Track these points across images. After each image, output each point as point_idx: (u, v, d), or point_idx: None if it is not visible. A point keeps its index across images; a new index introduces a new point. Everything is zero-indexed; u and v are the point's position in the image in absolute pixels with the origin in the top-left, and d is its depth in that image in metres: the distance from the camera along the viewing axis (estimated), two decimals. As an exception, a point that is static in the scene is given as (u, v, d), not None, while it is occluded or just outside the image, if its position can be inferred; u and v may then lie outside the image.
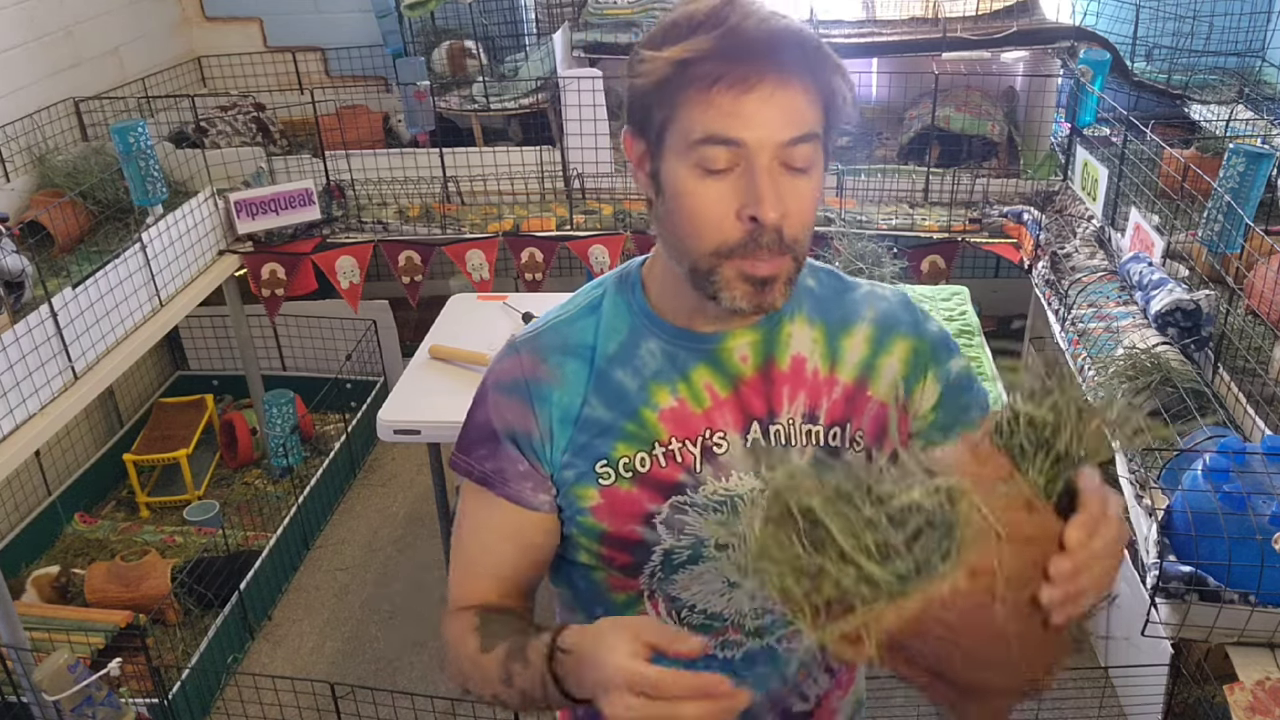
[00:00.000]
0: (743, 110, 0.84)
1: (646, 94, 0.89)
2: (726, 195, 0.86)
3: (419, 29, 3.70)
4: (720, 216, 0.86)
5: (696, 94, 0.85)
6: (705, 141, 0.85)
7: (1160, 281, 2.31)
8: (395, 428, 2.30)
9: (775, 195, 0.85)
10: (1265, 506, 1.60)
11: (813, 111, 0.87)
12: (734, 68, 0.84)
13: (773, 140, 0.84)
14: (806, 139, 0.86)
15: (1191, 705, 2.07)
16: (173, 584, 2.81)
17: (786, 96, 0.84)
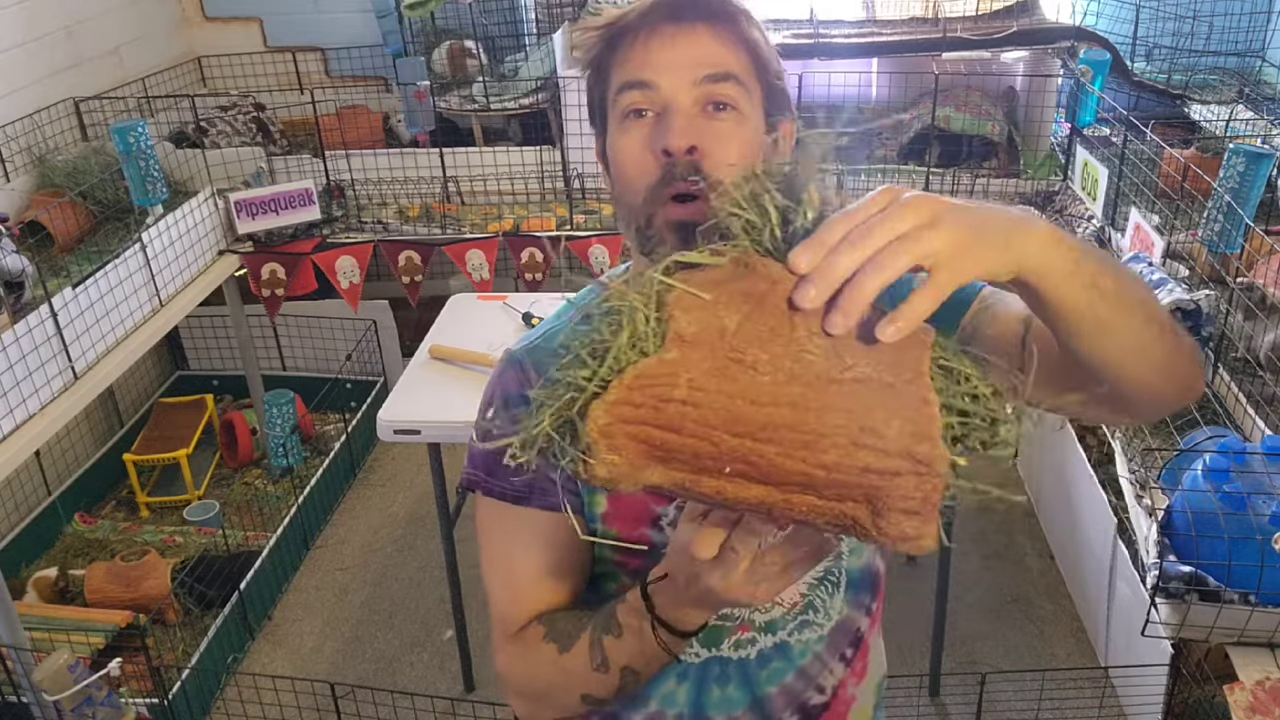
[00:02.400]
0: (650, 55, 0.89)
1: (589, 79, 0.97)
2: (646, 137, 0.90)
3: (419, 29, 3.70)
4: (640, 157, 0.90)
5: (615, 56, 0.92)
6: (622, 90, 0.91)
7: (1160, 281, 2.31)
8: (395, 428, 2.30)
9: (686, 129, 0.88)
10: (1265, 506, 1.60)
11: (725, 54, 0.90)
12: (638, 19, 0.91)
13: (684, 80, 0.89)
14: (721, 78, 0.89)
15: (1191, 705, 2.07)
16: (173, 584, 2.81)
17: (691, 38, 0.89)
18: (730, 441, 0.64)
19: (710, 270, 0.68)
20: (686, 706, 1.06)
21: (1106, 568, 2.55)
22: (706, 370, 0.64)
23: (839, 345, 0.65)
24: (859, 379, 0.64)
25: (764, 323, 0.65)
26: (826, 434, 0.63)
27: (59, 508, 3.30)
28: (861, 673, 1.13)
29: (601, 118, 0.96)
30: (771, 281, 0.66)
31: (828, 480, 0.64)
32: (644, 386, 0.64)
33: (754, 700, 1.06)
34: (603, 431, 0.64)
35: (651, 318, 0.66)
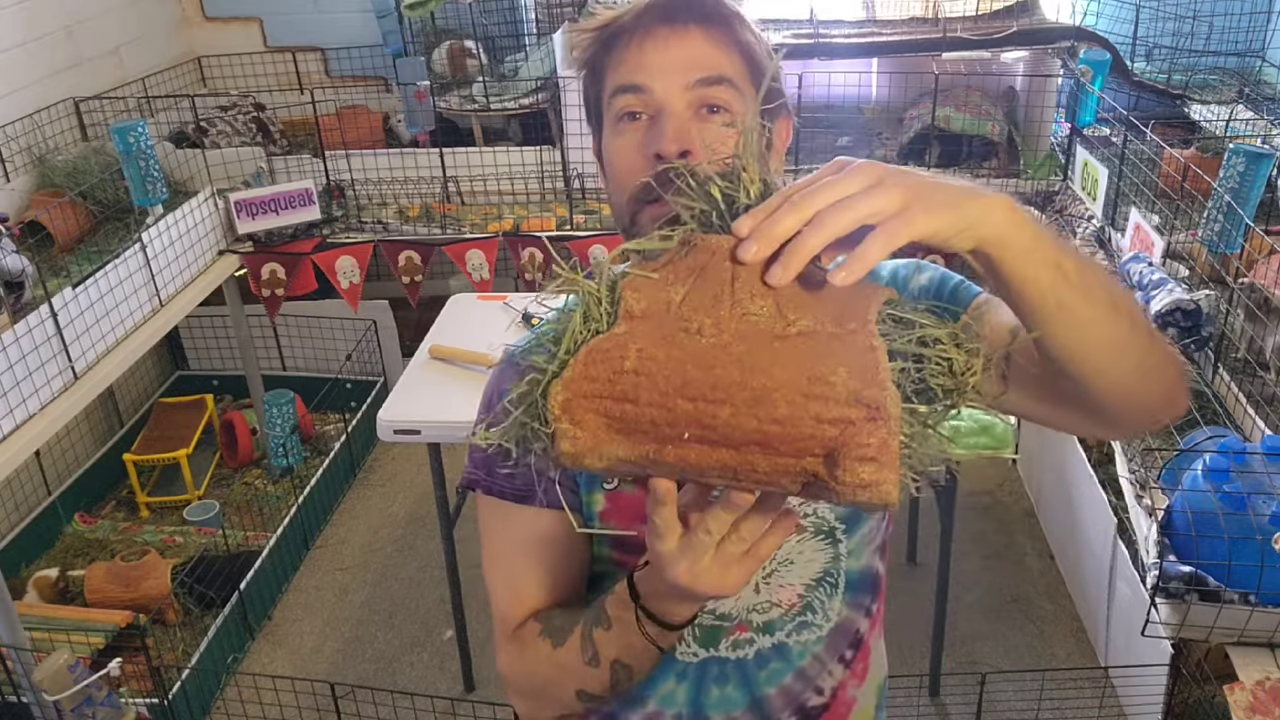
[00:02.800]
0: (644, 59, 0.90)
1: (584, 79, 0.98)
2: (639, 141, 0.91)
3: (419, 29, 3.70)
4: (633, 159, 0.91)
5: (611, 59, 0.93)
6: (616, 93, 0.92)
7: (1160, 281, 2.31)
8: (395, 428, 2.30)
9: (679, 132, 0.88)
10: (1265, 506, 1.60)
11: (719, 56, 0.91)
12: (633, 22, 0.91)
13: (677, 83, 0.89)
14: (715, 81, 0.90)
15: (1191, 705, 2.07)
16: (173, 584, 2.81)
17: (684, 41, 0.90)
18: (685, 406, 0.66)
19: (662, 255, 0.71)
20: (685, 706, 1.06)
21: (1106, 568, 2.55)
22: (655, 339, 0.67)
23: (783, 303, 0.66)
24: (803, 333, 0.66)
25: (708, 290, 0.67)
26: (775, 388, 0.65)
27: (59, 508, 3.30)
28: (862, 675, 1.13)
29: (597, 118, 0.97)
30: (712, 252, 0.68)
31: (783, 435, 0.65)
32: (598, 361, 0.67)
33: (753, 701, 1.06)
34: (563, 408, 0.67)
35: (604, 300, 0.69)
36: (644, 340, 0.67)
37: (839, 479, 0.65)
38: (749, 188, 0.70)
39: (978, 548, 3.16)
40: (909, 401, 0.66)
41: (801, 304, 0.67)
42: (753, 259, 0.65)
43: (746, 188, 0.70)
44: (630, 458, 0.69)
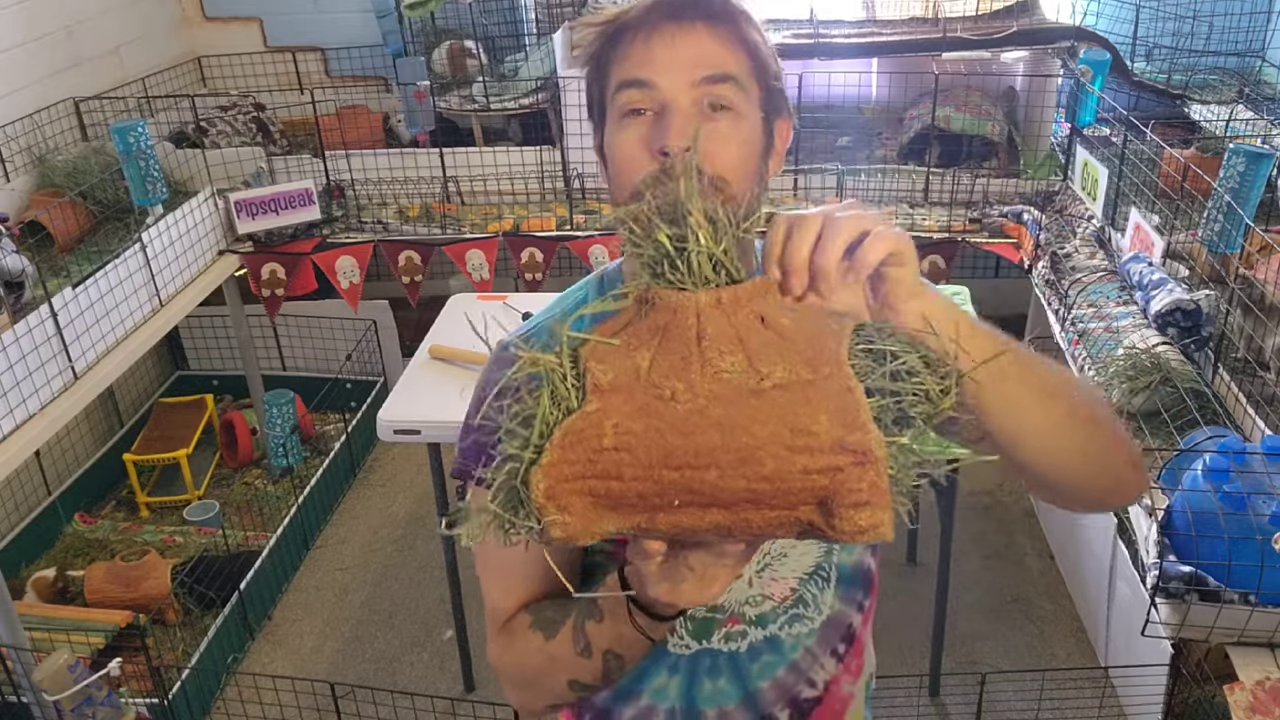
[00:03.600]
0: (650, 55, 0.90)
1: (588, 73, 0.97)
2: (644, 136, 0.90)
3: (419, 29, 3.70)
4: (636, 155, 0.90)
5: (616, 53, 0.92)
6: (621, 88, 0.91)
7: (1160, 281, 2.31)
8: (395, 428, 2.30)
9: (685, 129, 0.88)
10: (1265, 506, 1.60)
11: (725, 54, 0.90)
12: (640, 16, 0.91)
13: (683, 80, 0.89)
14: (720, 79, 0.89)
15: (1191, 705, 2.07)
16: (173, 584, 2.81)
17: (691, 38, 0.90)
18: (670, 475, 0.65)
19: (617, 316, 0.70)
20: (678, 700, 1.07)
21: (1106, 568, 2.55)
22: (629, 413, 0.65)
23: (753, 356, 0.65)
24: (779, 384, 0.65)
25: (675, 353, 0.66)
26: (759, 446, 0.64)
27: (59, 508, 3.30)
28: (857, 670, 1.14)
29: (600, 113, 0.97)
30: (672, 311, 0.67)
31: (773, 491, 0.65)
32: (574, 443, 0.65)
33: (745, 694, 1.06)
34: (547, 495, 0.66)
35: (569, 374, 0.68)
36: (618, 415, 0.65)
37: (836, 527, 0.65)
38: (696, 231, 0.69)
39: (978, 548, 3.16)
40: (891, 434, 0.66)
41: (773, 353, 0.66)
42: (800, 290, 0.68)
43: (694, 231, 0.69)
44: (623, 529, 0.68)
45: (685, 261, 0.69)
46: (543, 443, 0.67)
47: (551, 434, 0.66)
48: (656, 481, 0.65)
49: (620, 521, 0.68)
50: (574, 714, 1.16)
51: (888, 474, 0.64)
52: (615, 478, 0.66)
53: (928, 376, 0.67)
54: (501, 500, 0.68)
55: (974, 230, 3.11)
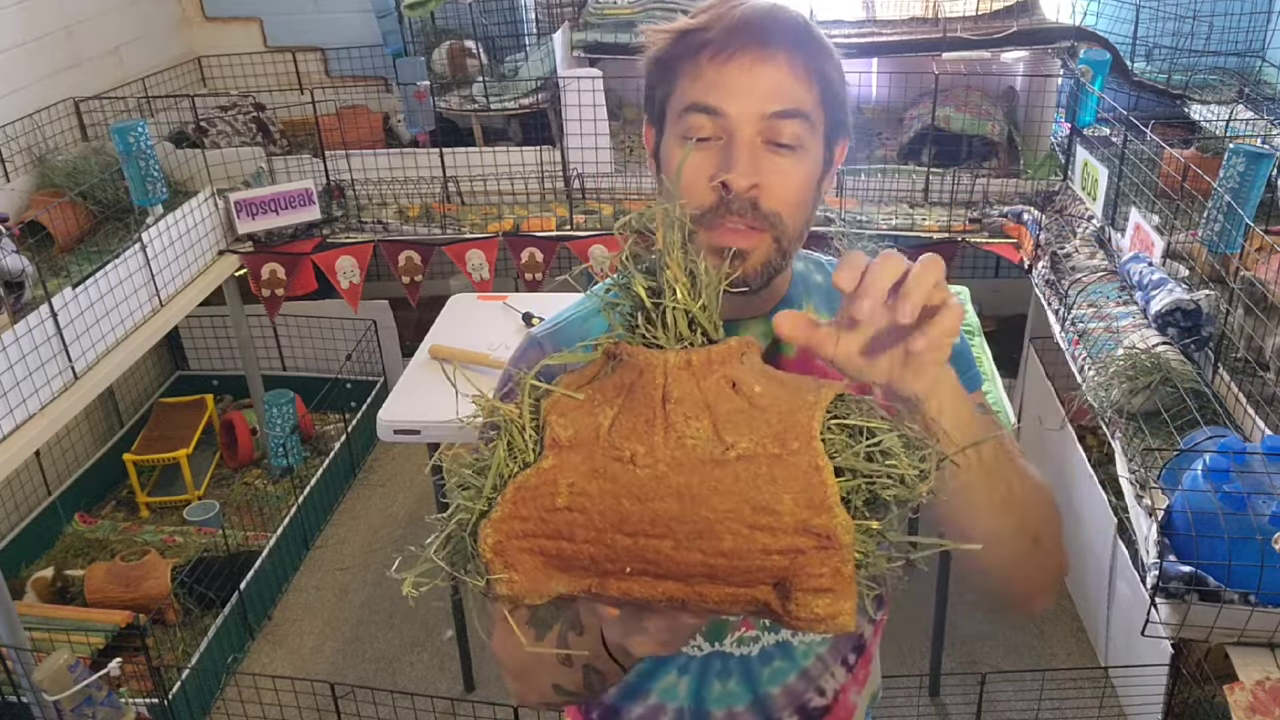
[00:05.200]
0: (725, 80, 0.88)
1: (651, 73, 0.94)
2: (706, 163, 0.89)
3: (419, 29, 3.70)
4: (696, 182, 0.89)
5: (688, 65, 0.90)
6: (690, 109, 0.89)
7: (1160, 281, 2.31)
8: (395, 428, 2.30)
9: (750, 165, 0.87)
10: (1265, 506, 1.60)
11: (799, 89, 0.89)
12: (720, 38, 0.88)
13: (753, 112, 0.87)
14: (791, 115, 0.88)
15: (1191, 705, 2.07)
16: (173, 584, 2.81)
17: (769, 70, 0.87)
18: (624, 541, 0.62)
19: (585, 368, 0.67)
20: (687, 700, 1.07)
21: (1106, 568, 2.55)
22: (586, 472, 0.62)
23: (720, 423, 0.62)
24: (744, 455, 0.61)
25: (638, 414, 0.63)
26: (719, 520, 0.61)
27: (59, 508, 3.30)
28: (863, 680, 1.14)
29: (659, 116, 0.95)
30: (639, 370, 0.64)
31: (730, 568, 0.62)
32: (526, 499, 0.63)
33: (755, 698, 1.06)
34: (494, 550, 0.63)
35: (528, 427, 0.65)
36: (574, 474, 0.62)
37: (792, 613, 0.62)
38: (674, 285, 0.66)
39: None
40: (861, 518, 0.62)
41: (740, 422, 0.63)
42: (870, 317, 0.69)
43: (671, 285, 0.66)
44: (571, 592, 0.65)
45: (660, 317, 0.66)
46: (494, 495, 0.64)
47: (505, 487, 0.63)
48: (609, 546, 0.62)
49: (570, 584, 0.65)
50: (581, 711, 1.16)
51: (854, 560, 0.61)
52: (567, 538, 0.63)
53: (904, 459, 0.63)
54: (448, 552, 0.65)
55: (974, 230, 3.10)
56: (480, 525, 0.63)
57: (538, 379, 0.67)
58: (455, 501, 0.66)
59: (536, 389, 0.66)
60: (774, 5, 0.90)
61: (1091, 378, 2.18)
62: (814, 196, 0.94)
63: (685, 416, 0.62)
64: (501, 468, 0.64)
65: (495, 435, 0.66)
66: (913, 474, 0.63)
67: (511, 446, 0.65)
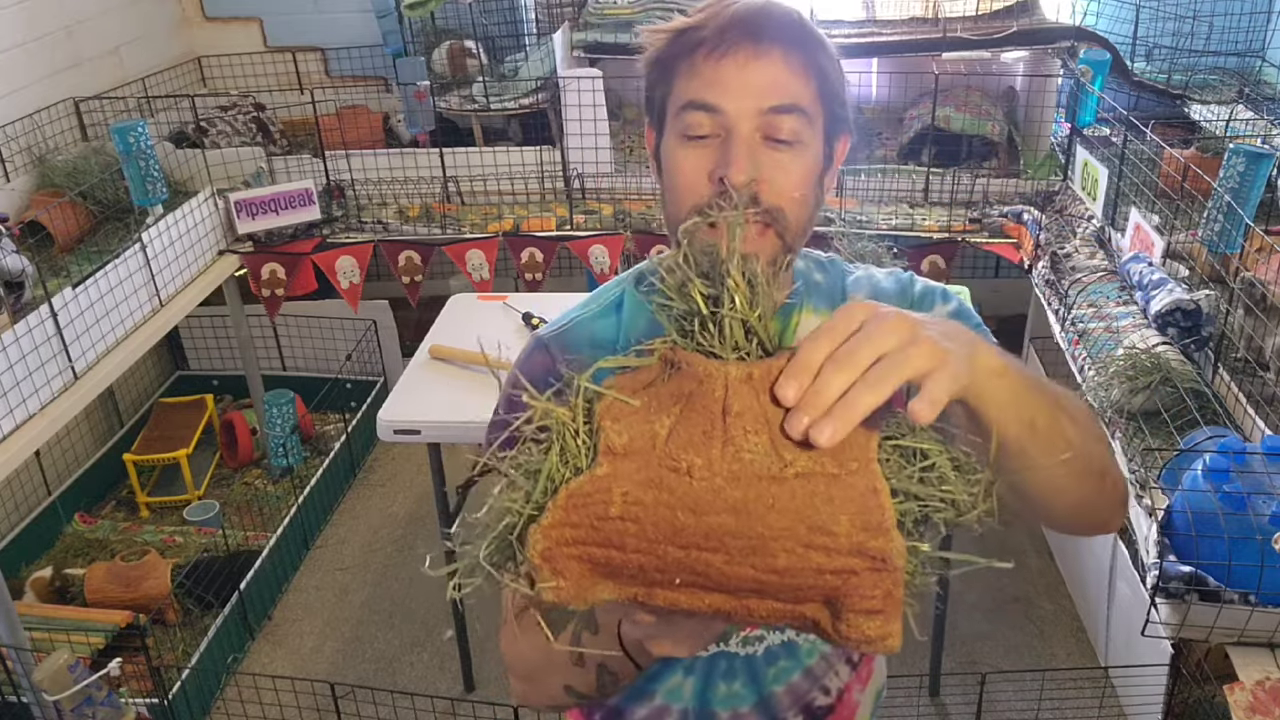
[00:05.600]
0: (721, 77, 0.88)
1: (649, 73, 0.95)
2: (705, 160, 0.89)
3: (419, 29, 3.70)
4: (695, 179, 0.90)
5: (685, 64, 0.90)
6: (687, 107, 0.90)
7: (1160, 281, 2.31)
8: (395, 428, 2.30)
9: (749, 160, 0.87)
10: (1265, 506, 1.60)
11: (796, 84, 0.89)
12: (714, 35, 0.89)
13: (751, 108, 0.88)
14: (788, 109, 0.88)
15: (1191, 705, 2.07)
16: (173, 584, 2.81)
17: (764, 65, 0.88)
18: (675, 553, 0.62)
19: (639, 372, 0.65)
20: (692, 701, 1.07)
21: (1106, 568, 2.55)
22: (641, 482, 0.61)
23: (778, 440, 0.61)
24: (801, 474, 0.61)
25: (697, 425, 0.62)
26: (774, 537, 0.60)
27: (59, 508, 3.30)
28: (866, 678, 1.14)
29: (659, 117, 0.95)
30: (698, 380, 0.63)
31: (781, 585, 0.61)
32: (579, 506, 0.62)
33: (760, 698, 1.06)
34: (543, 556, 0.62)
35: (581, 431, 0.64)
36: (629, 483, 0.61)
37: (842, 632, 0.62)
38: (734, 294, 0.64)
39: (977, 547, 3.16)
40: (912, 539, 0.62)
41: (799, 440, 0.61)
42: (800, 435, 0.60)
43: (731, 294, 0.64)
44: (617, 599, 0.65)
45: (717, 324, 0.65)
46: (545, 500, 0.63)
47: (556, 491, 0.62)
48: (660, 557, 0.62)
49: (616, 591, 0.64)
50: (584, 713, 1.16)
51: (905, 581, 0.61)
52: (617, 547, 0.62)
53: (958, 483, 0.63)
54: (492, 551, 0.64)
55: (974, 230, 3.11)
56: (530, 530, 0.62)
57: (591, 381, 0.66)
58: (502, 502, 0.64)
59: (589, 391, 0.65)
60: (768, 2, 0.91)
61: (1091, 378, 2.18)
62: (816, 192, 0.94)
63: (745, 431, 0.61)
64: (553, 472, 0.63)
65: (544, 436, 0.65)
66: (966, 500, 0.63)
67: (563, 451, 0.64)
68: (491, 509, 0.65)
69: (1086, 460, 0.83)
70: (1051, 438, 0.77)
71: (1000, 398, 0.71)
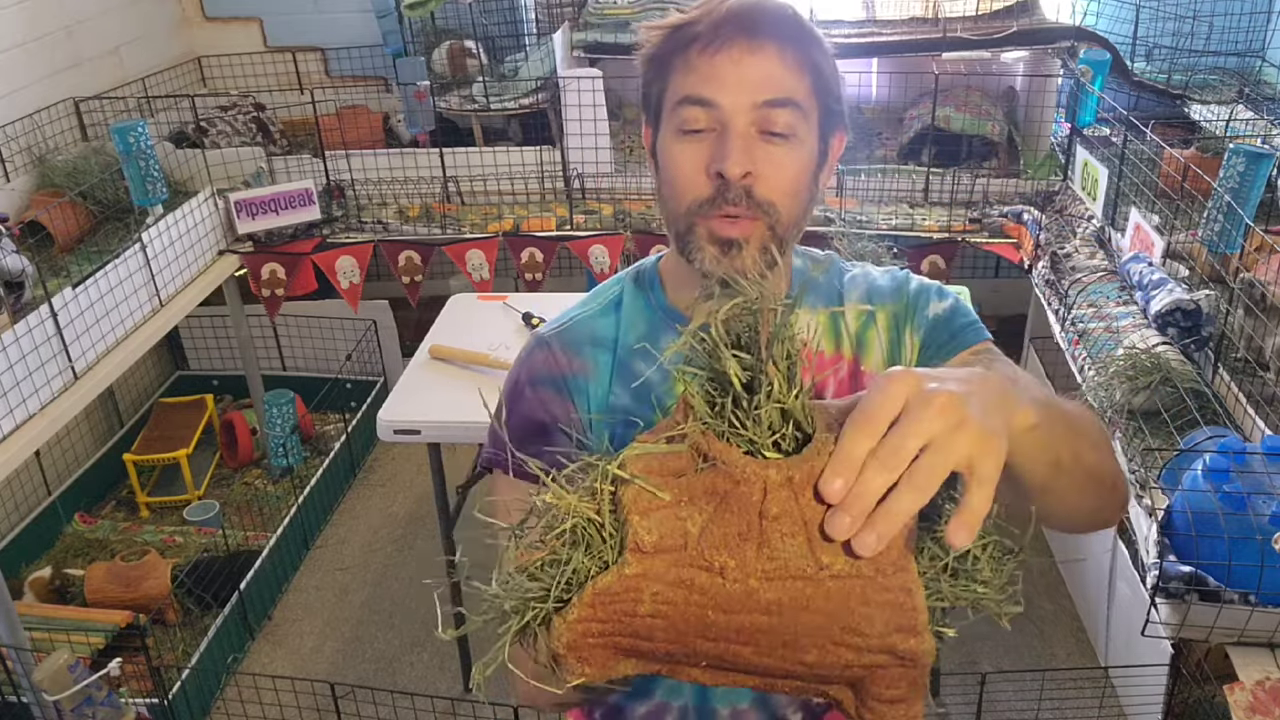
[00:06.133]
0: (715, 71, 0.89)
1: (646, 71, 0.96)
2: (701, 154, 0.90)
3: (419, 29, 3.70)
4: (692, 173, 0.91)
5: (680, 60, 0.91)
6: (683, 102, 0.91)
7: (1160, 281, 2.31)
8: (395, 428, 2.30)
9: (744, 154, 0.88)
10: (1265, 506, 1.60)
11: (790, 79, 0.90)
12: (708, 30, 0.90)
13: (745, 102, 0.89)
14: (782, 104, 0.89)
15: (1191, 705, 2.07)
16: (173, 584, 2.81)
17: (758, 60, 0.89)
18: (705, 645, 0.61)
19: (668, 457, 0.63)
20: (691, 699, 1.07)
21: (1106, 568, 2.55)
22: (671, 581, 0.60)
23: (815, 542, 0.59)
24: (837, 576, 0.59)
25: (731, 525, 0.60)
26: (804, 635, 0.60)
27: (59, 508, 3.30)
28: None
29: (655, 114, 0.96)
30: (735, 481, 0.60)
31: (807, 674, 0.62)
32: (606, 604, 0.61)
33: (759, 695, 1.06)
34: (569, 647, 0.61)
35: (608, 522, 0.62)
36: (659, 583, 0.60)
37: (864, 716, 0.63)
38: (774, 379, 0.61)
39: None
40: (940, 626, 0.62)
41: (836, 542, 0.60)
42: (844, 537, 0.58)
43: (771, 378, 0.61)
44: (642, 673, 0.65)
45: (754, 407, 0.62)
46: (570, 595, 0.61)
47: (582, 585, 0.61)
48: (688, 647, 0.62)
49: (640, 668, 0.64)
50: (584, 711, 1.15)
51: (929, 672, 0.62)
52: (645, 639, 0.61)
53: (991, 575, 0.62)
54: (514, 636, 0.63)
55: (974, 230, 3.11)
56: (555, 620, 0.61)
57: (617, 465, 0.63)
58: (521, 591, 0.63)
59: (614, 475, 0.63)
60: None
61: (1091, 378, 2.18)
62: (810, 187, 0.95)
63: (782, 535, 0.59)
64: (579, 566, 0.62)
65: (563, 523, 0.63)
66: (996, 599, 0.62)
67: (589, 544, 0.62)
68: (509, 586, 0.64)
69: (1100, 478, 0.84)
70: (1074, 470, 0.78)
71: (1032, 452, 0.72)
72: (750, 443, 0.62)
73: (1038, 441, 0.72)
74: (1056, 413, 0.77)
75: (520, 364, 1.04)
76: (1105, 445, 0.88)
